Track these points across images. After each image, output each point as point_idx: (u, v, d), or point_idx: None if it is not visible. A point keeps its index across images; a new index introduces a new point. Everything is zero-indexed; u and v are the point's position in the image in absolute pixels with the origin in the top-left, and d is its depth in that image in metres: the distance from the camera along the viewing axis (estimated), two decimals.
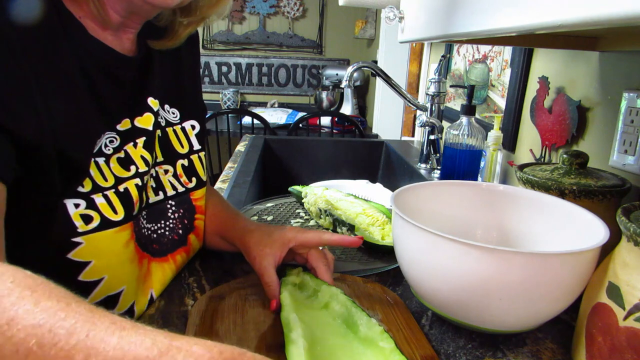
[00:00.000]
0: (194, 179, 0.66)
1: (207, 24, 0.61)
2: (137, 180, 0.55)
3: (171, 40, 0.59)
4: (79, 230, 0.48)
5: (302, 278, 0.63)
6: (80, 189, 0.48)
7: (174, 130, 0.64)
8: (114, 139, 0.53)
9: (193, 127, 0.67)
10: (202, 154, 0.68)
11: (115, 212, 0.52)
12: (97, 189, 0.50)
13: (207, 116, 2.48)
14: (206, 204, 0.70)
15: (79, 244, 0.48)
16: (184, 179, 0.65)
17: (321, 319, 0.55)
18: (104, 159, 0.51)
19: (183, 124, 0.65)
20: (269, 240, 0.62)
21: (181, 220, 0.65)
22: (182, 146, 0.65)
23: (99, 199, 0.50)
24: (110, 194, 0.51)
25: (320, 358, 0.48)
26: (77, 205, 0.48)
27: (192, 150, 0.66)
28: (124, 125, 0.54)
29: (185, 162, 0.65)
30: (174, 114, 0.64)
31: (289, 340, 0.47)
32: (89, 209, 0.49)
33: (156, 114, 0.59)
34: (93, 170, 0.50)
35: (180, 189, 0.64)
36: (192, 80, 0.69)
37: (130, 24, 0.54)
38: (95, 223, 0.49)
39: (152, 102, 0.59)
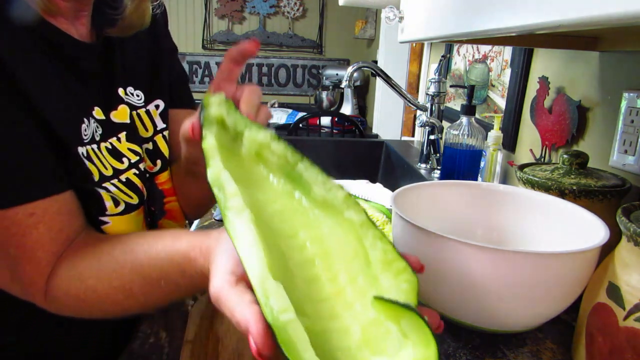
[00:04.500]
0: (158, 162, 0.62)
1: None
2: (134, 170, 0.56)
3: (126, 26, 0.56)
4: (108, 212, 0.52)
5: (223, 110, 0.46)
6: (93, 177, 0.50)
7: (138, 114, 0.60)
8: (97, 125, 0.52)
9: (157, 106, 0.63)
10: (166, 132, 0.63)
11: (130, 197, 0.54)
12: (104, 178, 0.51)
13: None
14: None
15: (105, 223, 0.52)
16: (147, 163, 0.61)
17: (254, 172, 0.43)
18: (96, 145, 0.51)
19: (148, 107, 0.61)
20: None
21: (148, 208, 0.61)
22: (147, 129, 0.61)
23: (111, 187, 0.52)
24: (117, 182, 0.53)
25: (270, 231, 0.38)
26: (107, 190, 0.52)
27: (156, 131, 0.62)
28: (98, 113, 0.53)
29: (150, 145, 0.61)
30: (138, 96, 0.60)
31: (228, 208, 0.36)
32: (112, 194, 0.52)
33: (129, 103, 0.58)
34: (94, 158, 0.51)
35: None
36: (157, 57, 0.64)
37: (82, 8, 0.51)
38: (121, 207, 0.53)
39: (123, 92, 0.58)
